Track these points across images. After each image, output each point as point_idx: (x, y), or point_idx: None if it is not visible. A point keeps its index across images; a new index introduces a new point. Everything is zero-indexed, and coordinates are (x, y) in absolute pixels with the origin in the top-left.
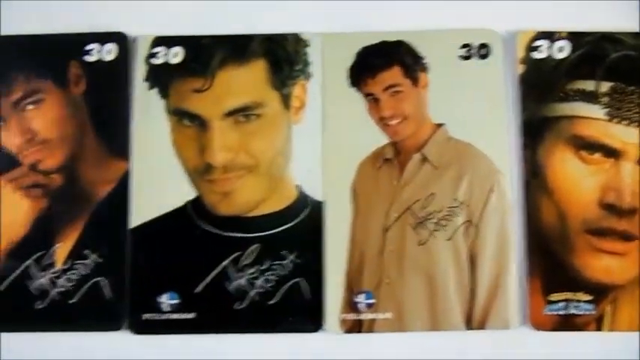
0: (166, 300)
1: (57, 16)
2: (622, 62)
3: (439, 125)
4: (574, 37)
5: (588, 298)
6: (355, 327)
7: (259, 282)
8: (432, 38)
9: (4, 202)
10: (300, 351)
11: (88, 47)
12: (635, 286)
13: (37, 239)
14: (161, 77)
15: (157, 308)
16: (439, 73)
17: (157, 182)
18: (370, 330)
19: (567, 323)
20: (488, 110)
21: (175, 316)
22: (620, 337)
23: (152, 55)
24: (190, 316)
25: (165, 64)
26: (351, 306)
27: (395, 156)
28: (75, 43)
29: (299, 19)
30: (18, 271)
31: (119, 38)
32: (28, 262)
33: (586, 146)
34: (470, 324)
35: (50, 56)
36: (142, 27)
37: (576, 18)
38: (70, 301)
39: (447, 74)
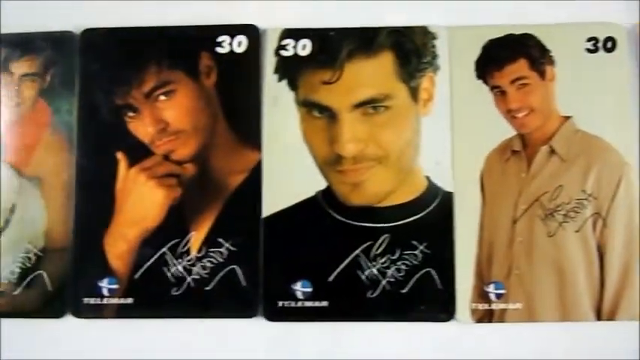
0: (300, 288)
1: (188, 7)
2: None
3: (567, 118)
4: None
5: None
6: (486, 317)
7: (390, 271)
8: (558, 32)
9: (138, 190)
10: (431, 340)
11: (220, 39)
12: None
13: (172, 228)
14: (290, 69)
15: (291, 296)
16: (565, 66)
17: (287, 172)
18: (501, 320)
19: None
20: (615, 103)
21: (309, 303)
22: None
23: (281, 48)
24: (323, 304)
25: (295, 56)
26: (481, 296)
27: (522, 148)
28: (206, 35)
29: (426, 12)
30: (154, 259)
31: (250, 30)
32: (163, 250)
33: None
34: (599, 315)
35: (182, 48)
36: (271, 19)
37: None
38: (206, 288)
39: (574, 67)
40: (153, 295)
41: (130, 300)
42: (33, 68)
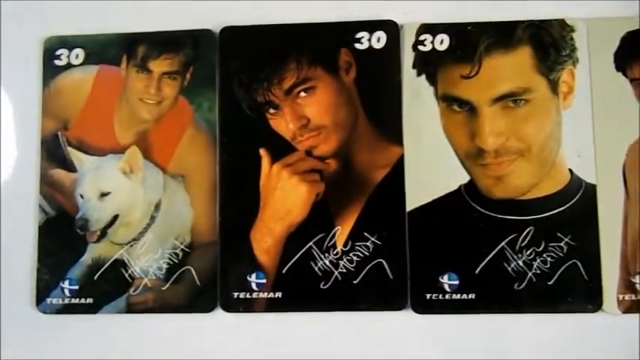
0: (447, 281)
1: (327, 4)
2: None
3: None
4: None
5: None
6: (633, 307)
7: (536, 263)
8: None
9: (282, 186)
10: (579, 331)
11: (358, 35)
12: None
13: (317, 222)
14: (429, 64)
15: (438, 288)
16: None
17: (430, 166)
18: None
19: None
20: None
21: (456, 296)
22: None
23: (419, 43)
24: (471, 296)
25: (433, 51)
26: (627, 287)
27: None
28: (345, 31)
29: (564, 5)
30: (300, 253)
31: (389, 26)
32: (309, 244)
33: None
34: None
35: (321, 44)
36: (408, 15)
37: None
38: (354, 282)
39: None
40: (301, 289)
41: (278, 294)
42: (173, 66)
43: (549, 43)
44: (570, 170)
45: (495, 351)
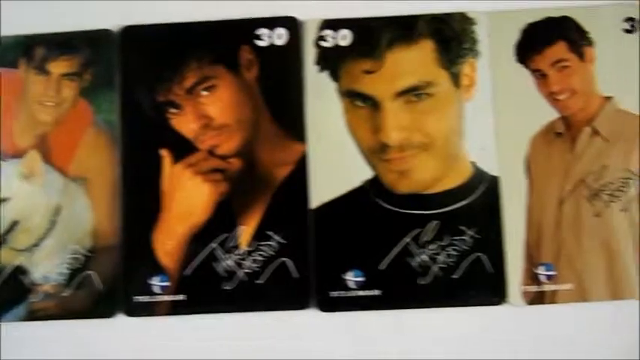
0: (352, 277)
1: (227, 1)
2: None
3: (608, 98)
4: None
5: None
6: (537, 299)
7: (441, 257)
8: (596, 13)
9: (184, 186)
10: (484, 323)
11: (259, 32)
12: None
13: (221, 222)
14: (331, 60)
15: (343, 286)
16: (604, 47)
17: (333, 163)
18: (552, 301)
19: None
20: None
21: (361, 292)
22: None
23: (321, 39)
24: (376, 292)
25: (335, 47)
26: (532, 278)
27: (566, 130)
28: (245, 29)
29: None
30: (204, 254)
31: (289, 23)
32: (213, 245)
33: None
34: None
35: (221, 42)
36: (310, 11)
37: None
38: (258, 282)
39: (613, 48)
40: (205, 290)
41: (181, 297)
42: (72, 67)
43: (451, 37)
44: (473, 163)
45: (402, 346)
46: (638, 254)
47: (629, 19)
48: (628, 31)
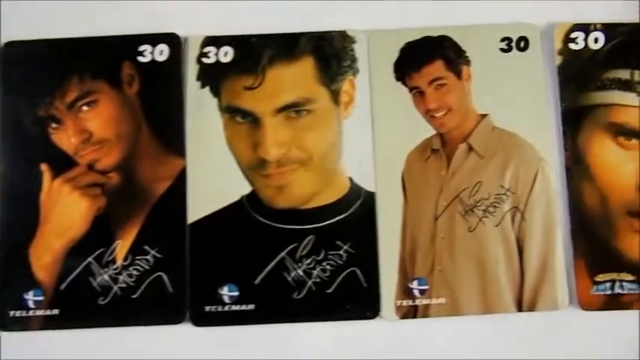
0: (227, 292)
1: (108, 18)
2: None
3: (483, 116)
4: (609, 28)
5: (632, 277)
6: (410, 313)
7: (316, 272)
8: (473, 33)
9: (62, 201)
10: (358, 338)
11: (141, 48)
12: None
13: (97, 237)
14: (213, 76)
15: (217, 300)
16: (481, 65)
17: (212, 178)
18: (425, 315)
19: (614, 302)
20: (529, 100)
21: (236, 307)
22: None
23: (203, 55)
24: (250, 307)
25: (217, 63)
26: (405, 292)
27: (442, 147)
28: (127, 45)
29: (345, 17)
30: (79, 269)
31: (171, 39)
32: (89, 260)
33: (623, 132)
34: (520, 306)
35: (103, 57)
36: (192, 27)
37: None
38: (133, 296)
39: (489, 67)
40: (79, 305)
41: (55, 311)
42: None
43: (331, 54)
44: (350, 179)
45: None
46: (510, 269)
47: (506, 39)
48: (504, 51)
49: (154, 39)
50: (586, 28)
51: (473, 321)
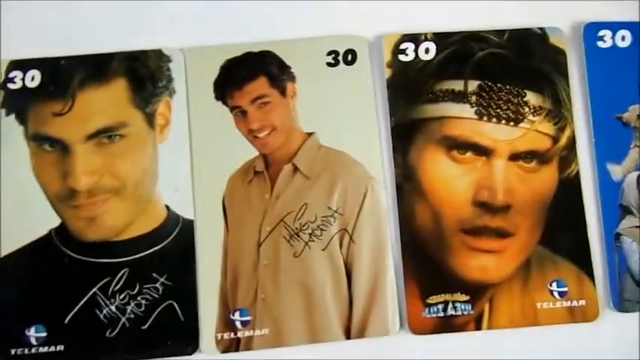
0: (33, 333)
1: None
2: (488, 60)
3: (309, 134)
4: (439, 37)
5: (466, 298)
6: (232, 346)
7: (130, 307)
8: (298, 46)
9: None
10: None
11: None
12: (511, 283)
13: None
14: (19, 102)
15: (24, 342)
16: (307, 81)
17: (19, 211)
18: (248, 348)
19: (447, 325)
20: (358, 116)
21: (43, 349)
22: (500, 334)
23: (8, 80)
24: (59, 348)
25: (23, 88)
26: (227, 324)
27: (266, 168)
28: None
29: (162, 35)
30: None
31: None
32: None
33: (457, 146)
34: (349, 333)
35: None
36: None
37: (444, 18)
38: None
39: (315, 82)
40: None
41: None
42: None
43: (145, 75)
44: (167, 206)
45: None
46: (338, 295)
47: (332, 52)
48: (331, 65)
49: None
50: (416, 39)
51: (298, 351)
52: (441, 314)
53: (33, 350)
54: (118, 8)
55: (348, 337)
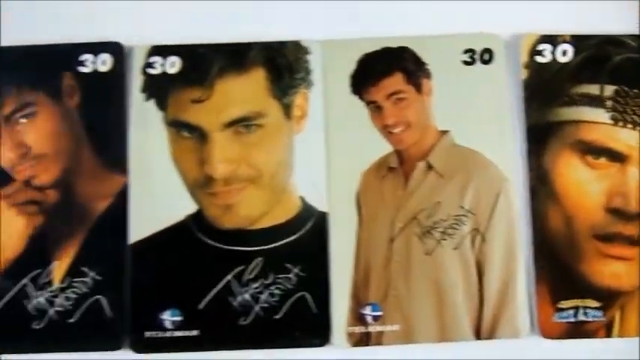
0: (168, 317)
1: (49, 26)
2: (625, 65)
3: (444, 132)
4: (577, 40)
5: (597, 304)
6: (363, 340)
7: (264, 296)
8: (435, 44)
9: None
10: None
11: (82, 58)
12: None
13: (34, 257)
14: (158, 88)
15: (159, 326)
16: (442, 79)
17: (156, 196)
18: (378, 343)
19: (577, 330)
20: (492, 116)
21: (178, 333)
22: (629, 342)
23: (149, 65)
24: (194, 333)
25: (163, 75)
26: (357, 319)
27: (399, 164)
28: (68, 54)
29: (299, 26)
30: (14, 291)
31: (114, 48)
32: (24, 281)
33: (591, 151)
34: (479, 334)
35: (43, 68)
36: (138, 37)
37: (578, 20)
38: (69, 321)
39: (451, 80)
40: (12, 329)
41: None
42: None
43: (284, 66)
44: (302, 198)
45: None
46: (468, 294)
47: (469, 51)
48: (467, 63)
49: (96, 48)
50: (554, 40)
51: (428, 349)
52: (572, 319)
53: (167, 334)
54: None
55: (477, 337)
